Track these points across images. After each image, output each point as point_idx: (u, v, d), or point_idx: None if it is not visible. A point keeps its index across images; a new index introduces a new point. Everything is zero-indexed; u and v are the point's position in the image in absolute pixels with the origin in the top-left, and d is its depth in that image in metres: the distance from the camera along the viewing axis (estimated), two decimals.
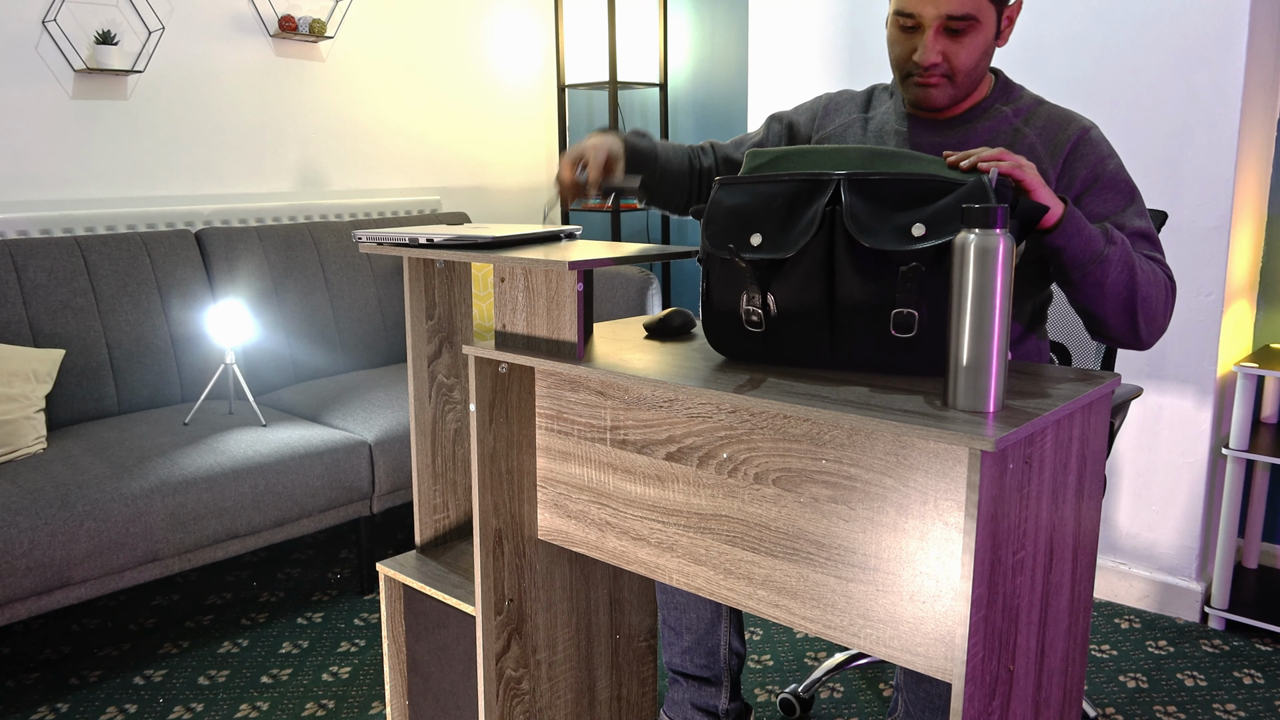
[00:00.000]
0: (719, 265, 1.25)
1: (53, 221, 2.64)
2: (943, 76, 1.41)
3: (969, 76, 1.42)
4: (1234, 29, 2.16)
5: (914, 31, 1.40)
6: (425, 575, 1.58)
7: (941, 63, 1.39)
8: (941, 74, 1.41)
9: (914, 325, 1.13)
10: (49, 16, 2.61)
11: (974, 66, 1.41)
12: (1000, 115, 1.47)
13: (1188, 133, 2.25)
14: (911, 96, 1.46)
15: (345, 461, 2.37)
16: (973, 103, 1.49)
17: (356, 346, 3.00)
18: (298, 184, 3.21)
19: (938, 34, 1.38)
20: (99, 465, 2.09)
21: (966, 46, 1.39)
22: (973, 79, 1.43)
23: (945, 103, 1.45)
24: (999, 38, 1.43)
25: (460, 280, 1.65)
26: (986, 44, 1.40)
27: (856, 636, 1.13)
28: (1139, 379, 2.39)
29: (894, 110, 1.54)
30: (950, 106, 1.47)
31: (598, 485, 1.38)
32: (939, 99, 1.44)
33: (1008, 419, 0.99)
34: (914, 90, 1.44)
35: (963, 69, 1.40)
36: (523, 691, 1.52)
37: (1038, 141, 1.44)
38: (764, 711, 1.99)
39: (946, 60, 1.39)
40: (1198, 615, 2.38)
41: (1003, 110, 1.47)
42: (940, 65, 1.40)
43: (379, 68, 3.38)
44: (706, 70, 3.64)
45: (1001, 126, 1.46)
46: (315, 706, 2.01)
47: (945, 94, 1.43)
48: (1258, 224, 2.46)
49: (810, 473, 1.14)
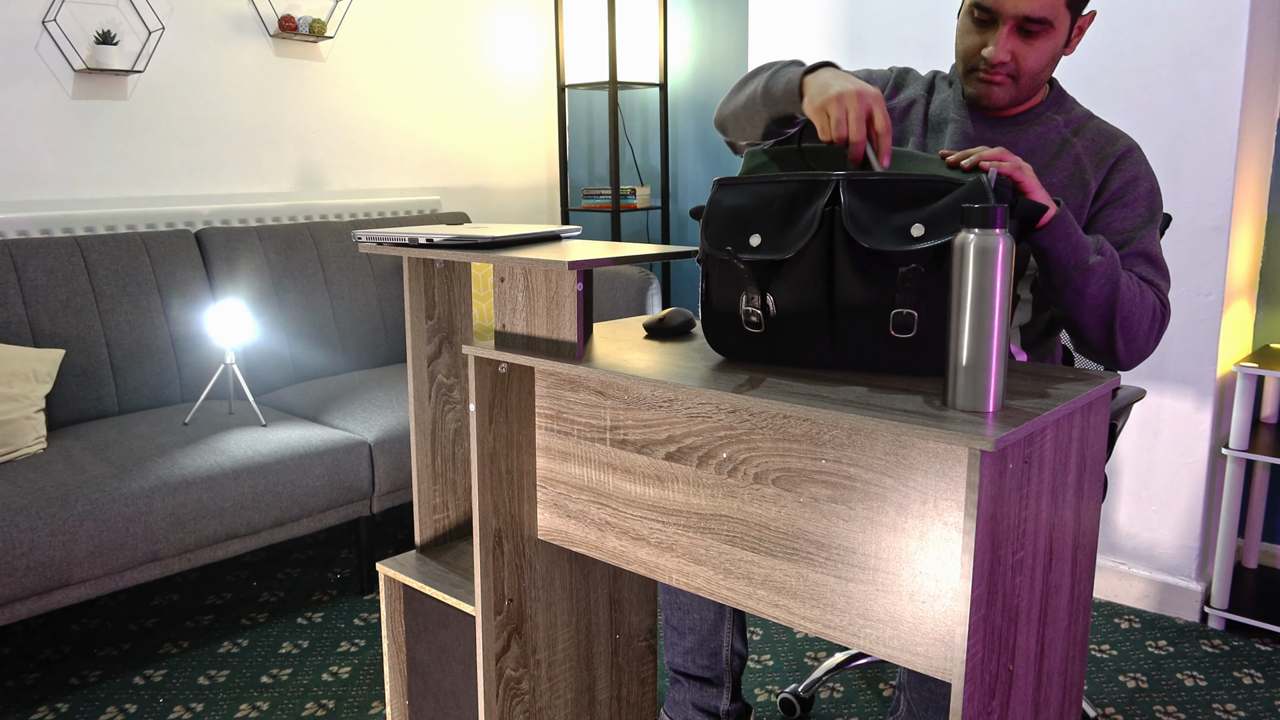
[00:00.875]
0: (718, 266, 1.25)
1: (53, 221, 2.64)
2: (1008, 76, 1.41)
3: (1033, 80, 1.42)
4: (1234, 29, 2.16)
5: (988, 27, 1.39)
6: (425, 575, 1.58)
7: (1010, 62, 1.39)
8: (1008, 73, 1.40)
9: (913, 325, 1.13)
10: (49, 16, 2.61)
11: (1040, 71, 1.41)
12: (1052, 123, 1.48)
13: (1188, 133, 2.25)
14: (973, 91, 1.45)
15: (345, 461, 2.37)
16: (1028, 107, 1.49)
17: (356, 346, 3.00)
18: (297, 184, 3.21)
19: (1011, 33, 1.37)
20: (99, 465, 2.09)
21: (1036, 49, 1.38)
22: (1036, 83, 1.43)
23: (1005, 102, 1.44)
24: (1068, 45, 1.42)
25: (460, 280, 1.65)
26: (1056, 50, 1.40)
27: (856, 636, 1.13)
28: (1139, 380, 2.39)
29: (953, 99, 1.53)
30: (1009, 106, 1.47)
31: (597, 485, 1.38)
32: (999, 98, 1.43)
33: (1007, 419, 0.99)
34: (976, 85, 1.44)
35: (1029, 71, 1.40)
36: (523, 691, 1.52)
37: (1084, 154, 1.45)
38: (764, 711, 1.99)
39: (1015, 61, 1.39)
40: (1198, 615, 2.38)
41: (1054, 119, 1.48)
42: (1008, 65, 1.39)
43: (379, 68, 3.38)
44: (706, 70, 3.64)
45: (1051, 134, 1.47)
46: (315, 706, 2.01)
47: (1007, 94, 1.43)
48: (1258, 224, 2.46)
49: (810, 473, 1.14)
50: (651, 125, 3.84)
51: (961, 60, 1.45)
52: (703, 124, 3.69)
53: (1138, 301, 1.37)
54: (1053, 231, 1.28)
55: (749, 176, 1.26)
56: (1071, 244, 1.29)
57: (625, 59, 3.56)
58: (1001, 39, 1.37)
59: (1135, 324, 1.37)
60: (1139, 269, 1.42)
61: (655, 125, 3.83)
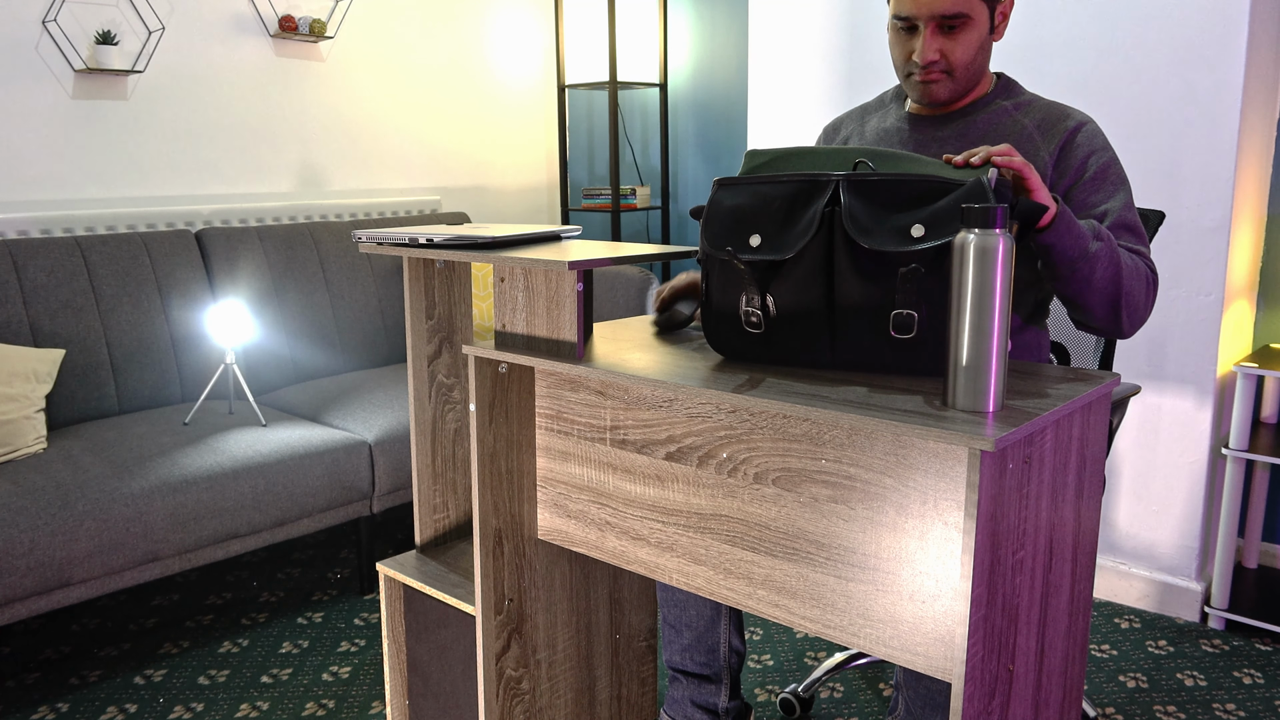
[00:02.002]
0: (719, 266, 1.25)
1: (53, 221, 2.64)
2: (942, 73, 1.48)
3: (968, 70, 1.48)
4: (1234, 29, 2.16)
5: (912, 33, 1.47)
6: (425, 575, 1.58)
7: (940, 59, 1.46)
8: (941, 70, 1.47)
9: (913, 326, 1.13)
10: (49, 16, 2.61)
11: (971, 60, 1.47)
12: (1000, 109, 1.53)
13: (1188, 133, 2.25)
14: (916, 94, 1.52)
15: (345, 461, 2.37)
16: (973, 98, 1.55)
17: (356, 346, 3.00)
18: (298, 184, 3.21)
19: (934, 33, 1.45)
20: (99, 465, 2.09)
21: (961, 43, 1.45)
22: (972, 73, 1.49)
23: (947, 97, 1.51)
24: (994, 32, 1.49)
25: (460, 280, 1.65)
26: (981, 39, 1.46)
27: (856, 636, 1.13)
28: (1139, 379, 2.39)
29: (895, 113, 1.61)
30: (953, 101, 1.53)
31: (598, 485, 1.38)
32: (941, 94, 1.50)
33: (1007, 419, 0.99)
34: (917, 88, 1.51)
35: (960, 64, 1.47)
36: (523, 691, 1.53)
37: (1035, 131, 1.49)
38: (764, 711, 1.99)
39: (944, 57, 1.46)
40: (1198, 615, 2.38)
41: (1003, 104, 1.53)
42: (939, 62, 1.47)
43: (379, 68, 3.38)
44: (706, 70, 3.64)
45: (1001, 118, 1.52)
46: (315, 706, 2.01)
47: (946, 89, 1.50)
48: (1258, 224, 2.46)
49: (810, 472, 1.14)
50: (651, 125, 3.84)
51: (900, 69, 1.52)
52: (703, 124, 3.69)
53: (1135, 275, 1.39)
54: (1056, 228, 1.30)
55: (749, 176, 1.26)
56: (1074, 237, 1.31)
57: (625, 59, 3.56)
58: (926, 40, 1.45)
59: (1136, 296, 1.40)
60: (1123, 240, 1.45)
61: (655, 125, 3.83)
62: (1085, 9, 2.35)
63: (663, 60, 3.67)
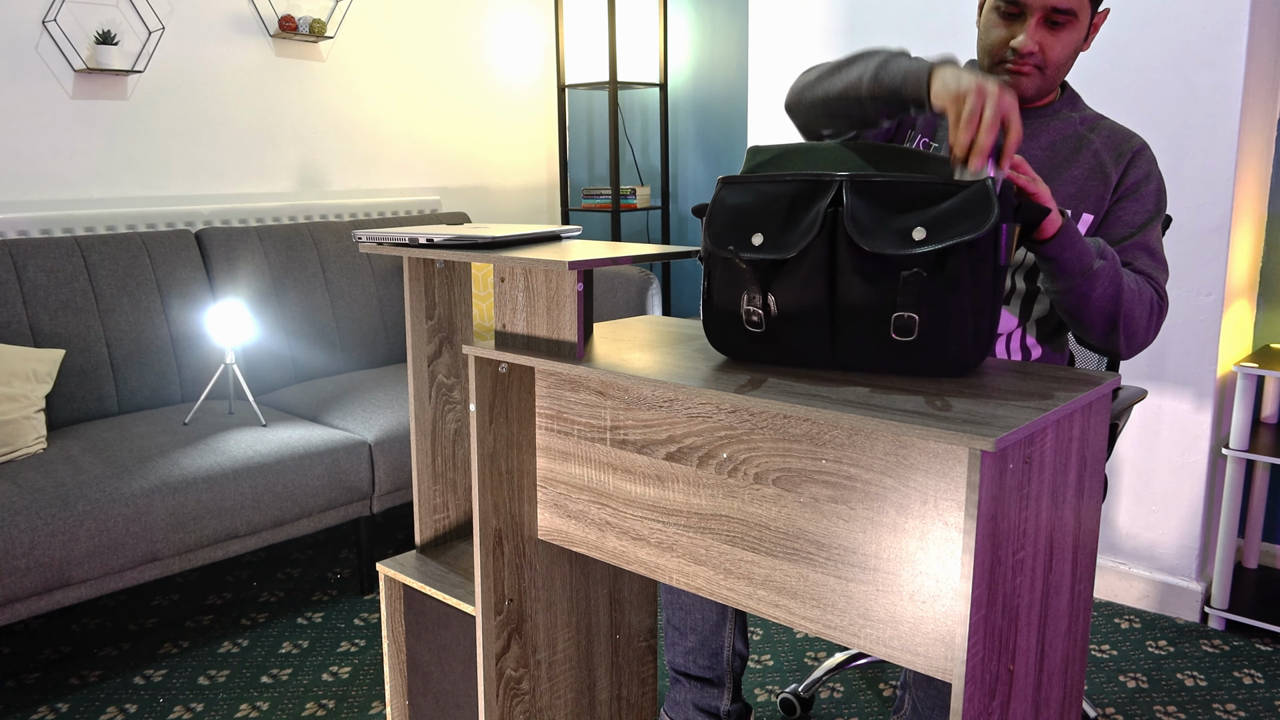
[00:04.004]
0: (720, 264, 1.25)
1: (53, 221, 2.64)
2: (1035, 67, 1.45)
3: (1058, 71, 1.46)
4: (1234, 29, 2.16)
5: (1015, 20, 1.43)
6: (425, 575, 1.58)
7: (1038, 53, 1.43)
8: (1035, 64, 1.44)
9: (914, 329, 1.13)
10: (49, 16, 2.61)
11: (1064, 63, 1.45)
12: (1068, 120, 1.53)
13: (1188, 133, 2.25)
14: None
15: (345, 461, 2.37)
16: (1045, 103, 1.54)
17: (356, 346, 3.00)
18: (298, 184, 3.21)
19: (1039, 24, 1.41)
20: (99, 465, 2.09)
21: (1062, 40, 1.43)
22: (1059, 75, 1.47)
23: (1032, 93, 1.48)
24: (1086, 40, 1.47)
25: (460, 280, 1.65)
26: (1078, 42, 1.45)
27: (856, 636, 1.13)
28: (1139, 379, 2.39)
29: None
30: (1035, 100, 1.51)
31: (598, 485, 1.38)
32: (1028, 88, 1.47)
33: (1007, 419, 0.99)
34: (1005, 76, 1.47)
35: (1054, 62, 1.44)
36: (523, 691, 1.52)
37: (1102, 149, 1.50)
38: (764, 711, 1.99)
39: (1043, 51, 1.43)
40: (1198, 615, 2.38)
41: (1070, 116, 1.53)
42: (1036, 55, 1.43)
43: (379, 68, 3.38)
44: (706, 70, 3.64)
45: (1069, 130, 1.52)
46: (315, 706, 2.01)
47: (1034, 84, 1.47)
48: (1258, 224, 2.46)
49: (810, 473, 1.14)
50: (651, 125, 3.84)
51: (987, 54, 1.48)
52: (703, 124, 3.69)
53: (1137, 299, 1.40)
54: (1059, 241, 1.31)
55: (753, 175, 1.25)
56: (1077, 251, 1.32)
57: (625, 59, 3.56)
58: (1030, 29, 1.41)
59: (1136, 320, 1.41)
60: (1139, 261, 1.46)
61: (655, 125, 3.83)
62: None
63: (663, 60, 3.67)
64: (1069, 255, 1.32)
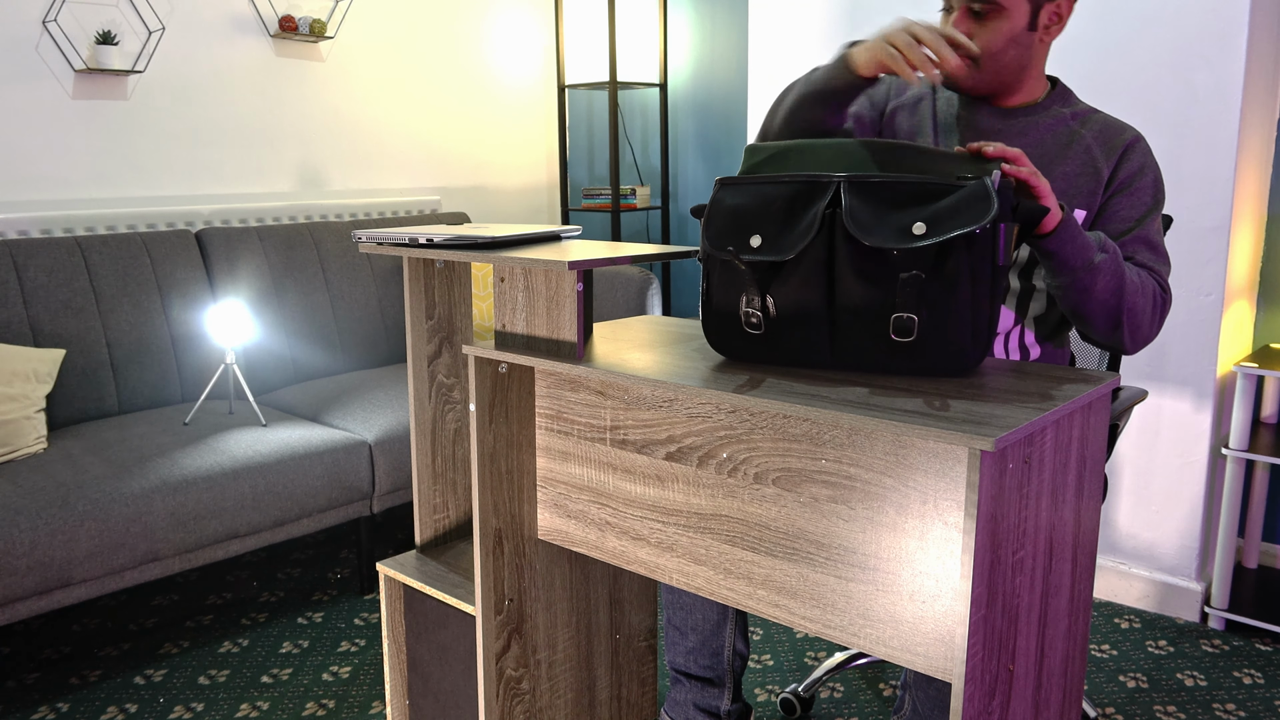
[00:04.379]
0: (719, 265, 1.25)
1: (53, 221, 2.64)
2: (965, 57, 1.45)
3: (993, 60, 1.46)
4: (1234, 29, 2.16)
5: (948, 15, 1.48)
6: (425, 575, 1.58)
7: None
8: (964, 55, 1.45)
9: (914, 329, 1.13)
10: (49, 16, 2.61)
11: (999, 52, 1.45)
12: (1059, 116, 1.52)
13: (1188, 133, 2.25)
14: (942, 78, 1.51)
15: (345, 461, 2.37)
16: (1033, 99, 1.54)
17: (356, 346, 3.00)
18: (298, 184, 3.21)
19: (963, 16, 1.45)
20: (99, 465, 2.09)
21: (989, 30, 1.44)
22: (999, 64, 1.47)
23: (969, 85, 1.50)
24: (1038, 30, 1.46)
25: (460, 280, 1.65)
26: (1013, 32, 1.44)
27: (856, 636, 1.13)
28: (1139, 379, 2.39)
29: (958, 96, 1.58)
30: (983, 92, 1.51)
31: (598, 485, 1.38)
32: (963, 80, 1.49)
33: (1007, 419, 0.99)
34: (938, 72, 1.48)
35: (985, 52, 1.45)
36: (523, 691, 1.53)
37: (1094, 143, 1.49)
38: (764, 711, 1.99)
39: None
40: (1198, 615, 2.38)
41: (1061, 112, 1.53)
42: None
43: (379, 68, 3.38)
44: (706, 70, 3.64)
45: (1059, 126, 1.52)
46: (315, 706, 2.01)
47: (966, 75, 1.48)
48: (1258, 224, 2.46)
49: (810, 473, 1.14)
50: (651, 125, 3.84)
51: None
52: (703, 124, 3.69)
53: (1140, 292, 1.40)
54: (1059, 235, 1.30)
55: (751, 176, 1.25)
56: (1078, 246, 1.31)
57: (625, 59, 3.56)
58: (955, 22, 1.46)
59: (1139, 313, 1.40)
60: (1140, 255, 1.45)
61: (655, 125, 3.83)
62: (1085, 9, 2.35)
63: (663, 60, 3.67)
64: (1070, 250, 1.31)
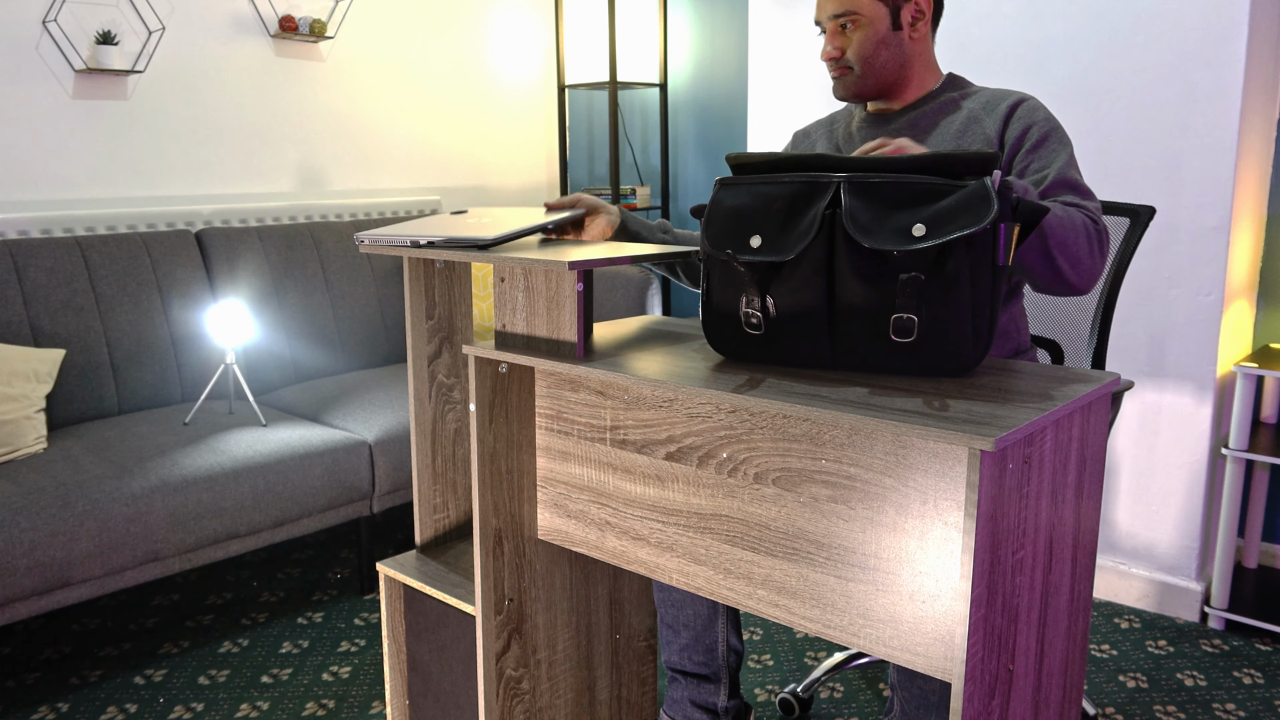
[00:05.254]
0: (719, 266, 1.25)
1: (53, 221, 2.64)
2: (844, 68, 1.57)
3: (868, 65, 1.56)
4: (1234, 29, 2.16)
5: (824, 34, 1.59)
6: (425, 575, 1.58)
7: (839, 55, 1.56)
8: (843, 66, 1.57)
9: (913, 330, 1.13)
10: (49, 16, 2.61)
11: (871, 55, 1.55)
12: (948, 99, 1.60)
13: (1188, 133, 2.25)
14: (834, 90, 1.62)
15: (345, 461, 2.37)
16: (925, 93, 1.61)
17: (356, 346, 3.00)
18: (298, 184, 3.21)
19: (834, 32, 1.56)
20: (99, 465, 2.09)
21: (856, 38, 1.55)
22: (875, 67, 1.56)
23: (857, 91, 1.59)
24: (902, 29, 1.55)
25: (460, 280, 1.65)
26: (879, 35, 1.54)
27: (856, 636, 1.13)
28: (1138, 378, 2.40)
29: (858, 115, 1.68)
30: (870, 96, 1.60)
31: (598, 485, 1.38)
32: (850, 88, 1.59)
33: (1007, 419, 0.99)
34: (832, 84, 1.61)
35: (859, 58, 1.56)
36: (523, 691, 1.53)
37: (981, 112, 1.55)
38: (764, 711, 1.99)
39: (843, 53, 1.56)
40: (1197, 615, 2.38)
41: (950, 95, 1.60)
42: (839, 58, 1.56)
43: (379, 68, 3.38)
44: (706, 70, 3.64)
45: (948, 106, 1.58)
46: (315, 706, 2.01)
47: (854, 84, 1.58)
48: (1258, 224, 2.46)
49: (810, 472, 1.14)
50: (651, 125, 3.84)
51: None
52: (703, 124, 3.69)
53: (1067, 226, 1.37)
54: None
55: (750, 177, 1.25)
56: None
57: (625, 59, 3.56)
58: (827, 38, 1.57)
59: (1072, 247, 1.38)
60: (1063, 197, 1.45)
61: (655, 125, 3.83)
62: (1085, 9, 2.35)
63: (663, 60, 3.67)
64: None
